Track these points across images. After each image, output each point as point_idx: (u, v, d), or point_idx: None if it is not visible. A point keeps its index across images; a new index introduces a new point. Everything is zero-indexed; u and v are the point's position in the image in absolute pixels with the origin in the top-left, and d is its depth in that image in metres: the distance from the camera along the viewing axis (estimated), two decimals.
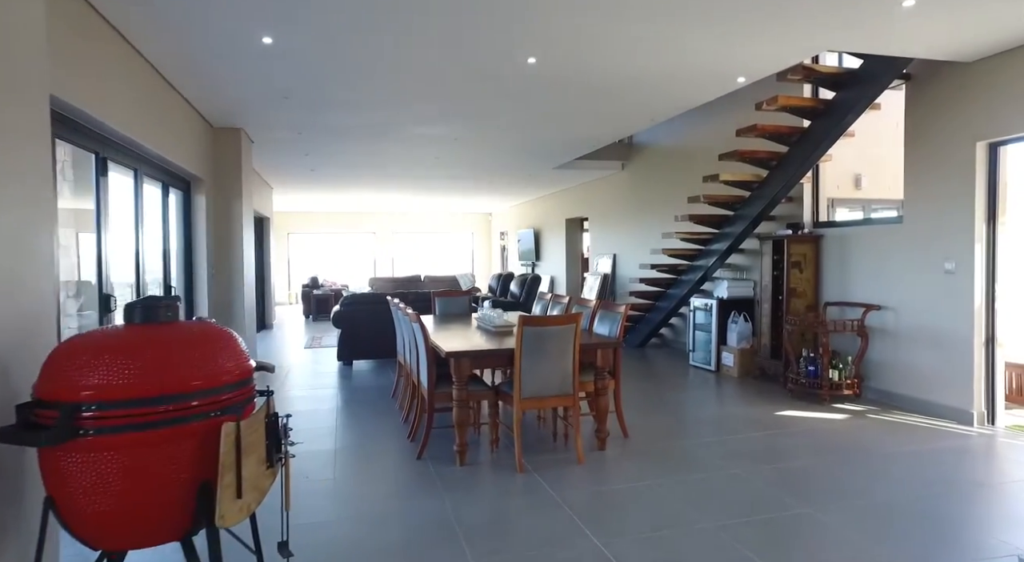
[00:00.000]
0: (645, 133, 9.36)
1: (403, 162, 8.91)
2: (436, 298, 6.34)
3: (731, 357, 6.47)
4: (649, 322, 8.00)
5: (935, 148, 4.77)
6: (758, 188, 6.02)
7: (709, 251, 6.81)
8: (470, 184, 11.61)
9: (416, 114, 5.97)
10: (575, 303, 5.09)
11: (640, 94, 5.33)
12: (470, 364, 3.75)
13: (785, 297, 5.82)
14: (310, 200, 14.68)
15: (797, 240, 5.82)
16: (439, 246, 18.81)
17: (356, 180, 10.92)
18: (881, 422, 4.62)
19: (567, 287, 12.55)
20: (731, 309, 6.65)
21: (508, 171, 9.91)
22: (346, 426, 4.74)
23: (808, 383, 5.25)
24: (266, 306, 11.35)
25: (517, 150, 8.03)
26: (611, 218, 10.54)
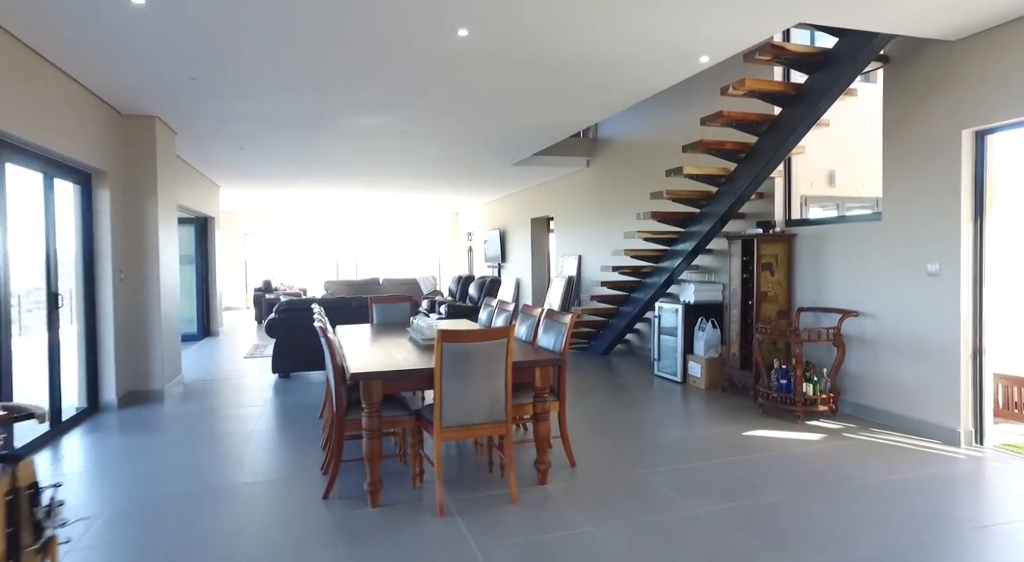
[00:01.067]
0: (610, 127, 8.84)
1: (352, 158, 8.28)
2: (373, 305, 5.73)
3: (698, 367, 5.96)
4: (613, 328, 7.47)
5: (917, 138, 4.29)
6: (726, 183, 5.51)
7: (674, 252, 6.30)
8: (429, 182, 11.00)
9: (348, 102, 5.36)
10: (522, 311, 4.52)
11: (593, 77, 4.78)
12: (382, 387, 3.15)
13: (755, 302, 5.32)
14: (266, 198, 13.93)
15: (768, 239, 5.33)
16: (405, 247, 18.14)
17: (308, 177, 10.25)
18: (860, 444, 4.13)
19: (533, 290, 12.00)
20: (698, 315, 6.14)
21: (465, 168, 9.32)
22: (257, 455, 4.10)
23: (780, 398, 4.75)
24: (211, 311, 10.60)
25: (470, 144, 7.45)
26: (576, 217, 10.01)
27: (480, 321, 5.44)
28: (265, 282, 12.63)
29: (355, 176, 10.14)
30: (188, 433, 4.63)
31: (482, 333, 3.15)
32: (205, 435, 4.57)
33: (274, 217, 16.83)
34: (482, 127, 6.53)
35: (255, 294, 12.46)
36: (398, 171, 9.58)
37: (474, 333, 3.14)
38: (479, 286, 9.07)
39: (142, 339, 5.76)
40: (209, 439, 4.47)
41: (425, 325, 4.17)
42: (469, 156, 8.31)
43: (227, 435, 4.58)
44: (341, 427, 3.34)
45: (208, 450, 4.21)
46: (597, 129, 9.21)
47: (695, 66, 4.51)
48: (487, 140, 7.23)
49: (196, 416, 5.16)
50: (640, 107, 7.89)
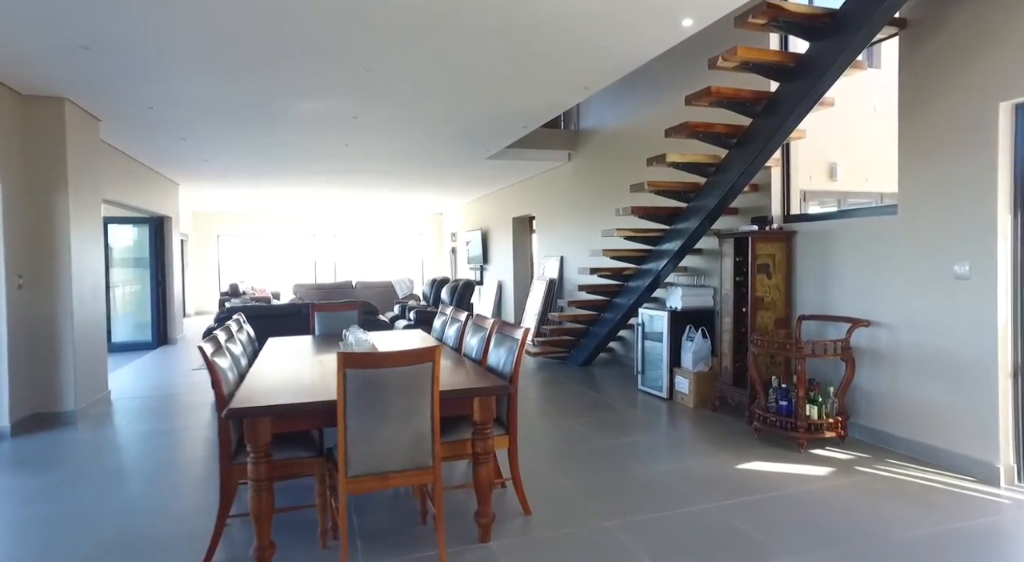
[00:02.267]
0: (592, 116, 8.15)
1: (310, 152, 7.57)
2: (315, 313, 5.02)
3: (686, 383, 5.26)
4: (594, 337, 6.77)
5: (942, 114, 3.61)
6: (715, 173, 4.82)
7: (659, 252, 5.60)
8: (402, 180, 10.29)
9: (283, 84, 4.65)
10: (473, 323, 3.81)
11: (562, 46, 4.09)
12: (270, 426, 2.44)
13: (750, 309, 4.63)
14: (239, 198, 13.20)
15: (764, 238, 4.64)
16: (387, 249, 17.41)
17: (272, 175, 9.52)
18: (877, 481, 3.43)
19: (515, 293, 11.30)
20: (687, 322, 5.45)
21: (435, 163, 8.61)
22: (151, 500, 3.38)
23: (779, 422, 4.05)
24: (168, 317, 9.86)
25: (433, 134, 6.74)
26: (558, 216, 9.32)
27: (433, 331, 4.74)
28: (231, 286, 11.88)
29: (321, 173, 9.43)
30: (80, 469, 3.91)
31: (399, 356, 2.44)
32: (100, 472, 3.84)
33: (249, 218, 16.09)
34: (442, 113, 5.82)
35: (220, 299, 11.71)
36: (364, 167, 8.87)
37: (388, 356, 2.43)
38: (452, 290, 8.36)
39: (49, 353, 5.03)
40: (101, 478, 3.74)
41: (353, 340, 3.46)
42: (436, 149, 7.60)
43: (129, 471, 3.86)
44: (229, 475, 2.63)
45: (93, 493, 3.49)
46: (579, 120, 8.53)
47: (677, 32, 3.83)
48: (452, 130, 6.53)
49: (103, 445, 4.43)
50: (624, 94, 7.21)
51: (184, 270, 14.71)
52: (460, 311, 4.25)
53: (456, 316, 4.25)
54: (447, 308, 4.61)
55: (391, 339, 4.32)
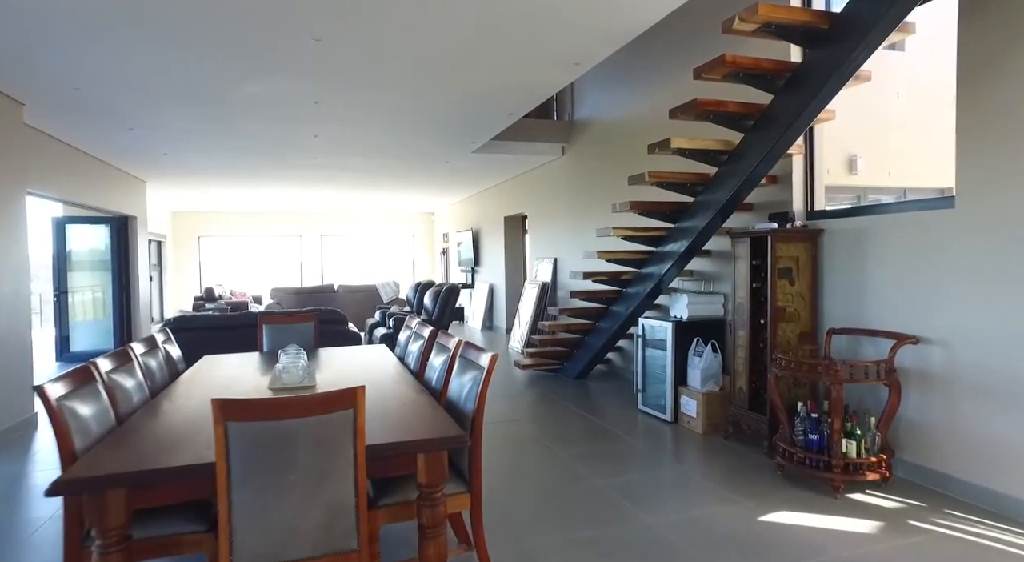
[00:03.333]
0: (588, 105, 7.46)
1: (277, 144, 6.88)
2: (264, 325, 4.32)
3: (694, 405, 4.56)
4: (589, 348, 6.07)
5: (1018, 84, 2.92)
6: (729, 161, 4.13)
7: (662, 254, 4.91)
8: (386, 177, 9.60)
9: (222, 60, 3.96)
10: (437, 342, 3.12)
11: (543, 9, 3.40)
12: (125, 500, 1.74)
13: (769, 320, 3.93)
14: (219, 198, 12.51)
15: (786, 237, 3.95)
16: (376, 250, 16.71)
17: (244, 172, 8.83)
18: (942, 543, 2.73)
19: (507, 298, 10.60)
20: (694, 335, 4.76)
21: (417, 157, 7.91)
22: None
23: (809, 459, 3.35)
24: (133, 324, 9.16)
25: (411, 124, 6.05)
26: (551, 215, 8.62)
27: (397, 346, 4.05)
28: (207, 290, 11.18)
29: (297, 169, 8.73)
30: None
31: (303, 403, 1.75)
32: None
33: (232, 219, 15.39)
34: (412, 97, 5.13)
35: (195, 303, 11.02)
36: (342, 163, 8.18)
37: (287, 404, 1.73)
38: (435, 296, 7.67)
39: None
40: None
41: (282, 366, 2.76)
42: (415, 142, 6.91)
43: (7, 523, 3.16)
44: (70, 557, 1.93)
45: None
46: (573, 109, 7.84)
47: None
48: (428, 118, 5.83)
49: (6, 483, 3.73)
50: (622, 80, 6.52)
51: (162, 273, 14.09)
52: (425, 325, 3.56)
53: (420, 331, 3.56)
54: (412, 320, 3.92)
55: (343, 361, 3.62)
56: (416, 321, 3.80)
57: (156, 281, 13.78)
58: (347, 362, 3.51)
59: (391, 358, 3.63)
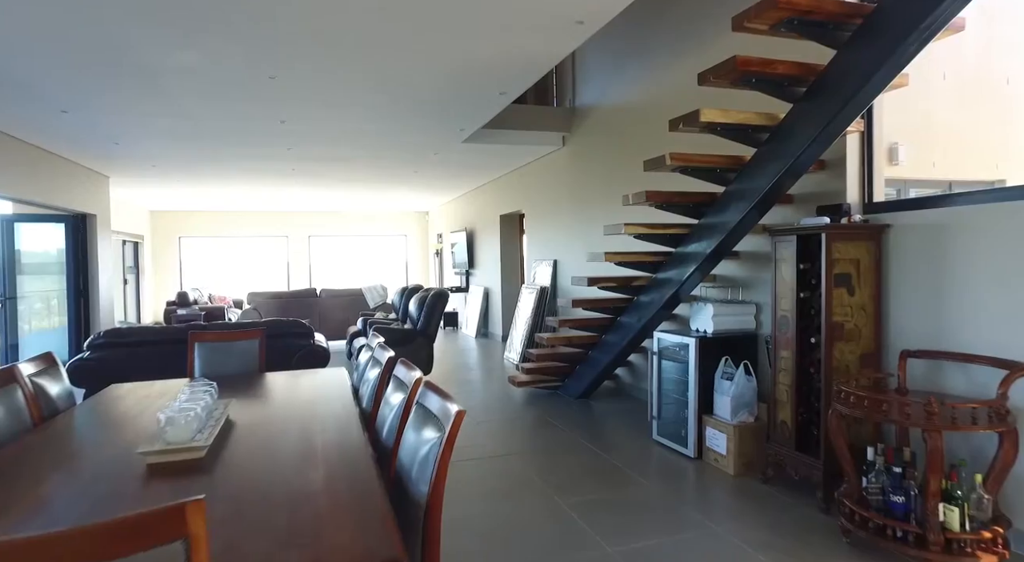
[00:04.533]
0: (591, 89, 6.66)
1: (238, 130, 6.08)
2: (195, 344, 3.50)
3: (722, 439, 3.76)
4: (594, 364, 5.27)
5: None
6: (772, 139, 3.32)
7: (682, 256, 4.10)
8: (371, 171, 8.80)
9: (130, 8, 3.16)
10: (395, 374, 2.31)
11: None
12: None
13: (824, 339, 3.13)
14: (198, 196, 11.73)
15: (844, 234, 3.14)
16: (367, 252, 15.91)
17: (208, 162, 8.02)
18: None
19: (503, 303, 9.79)
20: (721, 353, 3.96)
21: (399, 148, 7.11)
22: None
23: (890, 528, 2.53)
24: (91, 332, 8.35)
25: (388, 105, 5.25)
26: (551, 213, 7.82)
27: (356, 369, 3.25)
28: (180, 295, 10.37)
29: (272, 161, 7.93)
30: None
31: (72, 541, 0.94)
32: None
33: (213, 218, 14.59)
34: (385, 69, 4.32)
35: (166, 309, 10.21)
36: (318, 155, 7.38)
37: (38, 543, 0.93)
38: (420, 302, 6.87)
39: None
40: None
41: (165, 419, 1.94)
42: (395, 129, 6.10)
43: None
44: None
45: None
46: (575, 94, 7.04)
47: None
48: (406, 98, 5.02)
49: None
50: (633, 54, 5.72)
51: (139, 276, 13.28)
52: (386, 348, 2.76)
53: (380, 355, 2.76)
54: (374, 339, 3.12)
55: (279, 396, 2.82)
56: (377, 341, 3.00)
57: (132, 284, 13.00)
58: (282, 399, 2.71)
59: (344, 389, 2.83)
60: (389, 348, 2.74)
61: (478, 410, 5.32)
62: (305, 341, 4.90)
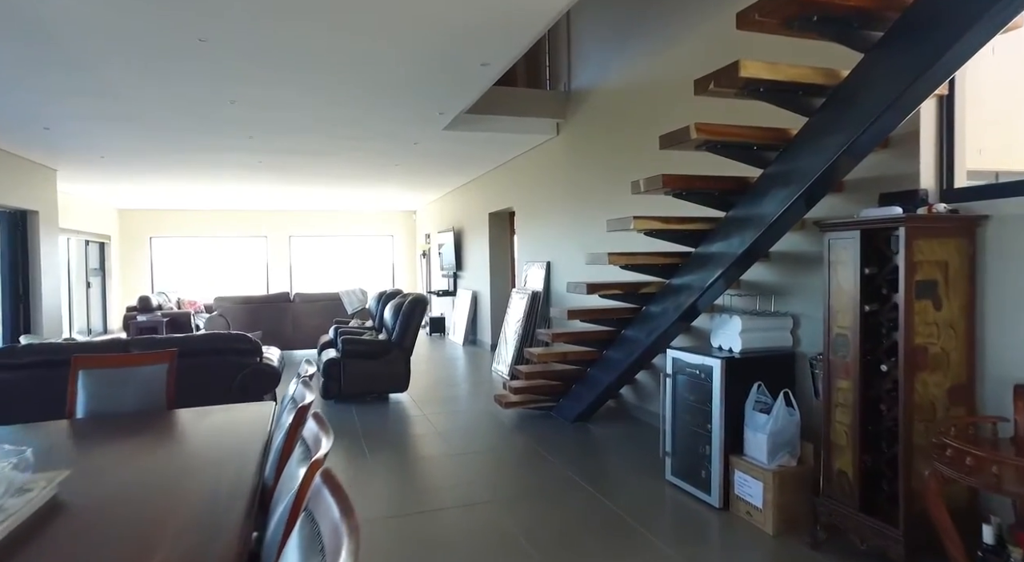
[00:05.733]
0: (588, 70, 5.89)
1: (182, 113, 5.27)
2: (80, 371, 2.70)
3: (757, 487, 2.98)
4: (592, 385, 4.49)
5: None
6: (829, 106, 2.55)
7: (705, 257, 3.33)
8: (345, 164, 8.01)
9: None
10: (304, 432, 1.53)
11: None
12: None
13: (902, 367, 2.36)
14: (167, 193, 10.91)
15: (927, 228, 2.38)
16: (352, 253, 15.10)
17: (155, 152, 7.20)
18: None
19: (492, 308, 9.01)
20: (753, 377, 3.19)
21: (374, 135, 6.32)
22: None
23: None
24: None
25: (352, 78, 4.46)
26: (544, 209, 7.05)
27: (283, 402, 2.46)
28: (142, 299, 9.52)
29: (235, 152, 7.13)
30: None
31: None
32: None
33: (187, 217, 13.75)
34: (342, 31, 3.54)
35: (125, 315, 9.38)
36: (284, 144, 6.58)
37: None
38: (396, 309, 6.09)
39: None
40: None
41: None
42: (366, 110, 5.30)
43: None
44: None
45: None
46: (570, 76, 6.27)
47: None
48: (371, 68, 4.24)
49: None
50: (636, 25, 4.95)
51: (105, 278, 12.44)
52: (309, 387, 1.98)
53: (299, 395, 1.97)
54: (309, 368, 2.33)
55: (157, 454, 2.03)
56: (307, 372, 2.22)
57: (97, 287, 12.17)
58: (160, 460, 1.92)
59: (253, 441, 2.04)
60: (310, 386, 1.96)
61: (458, 438, 4.54)
62: (250, 359, 4.10)
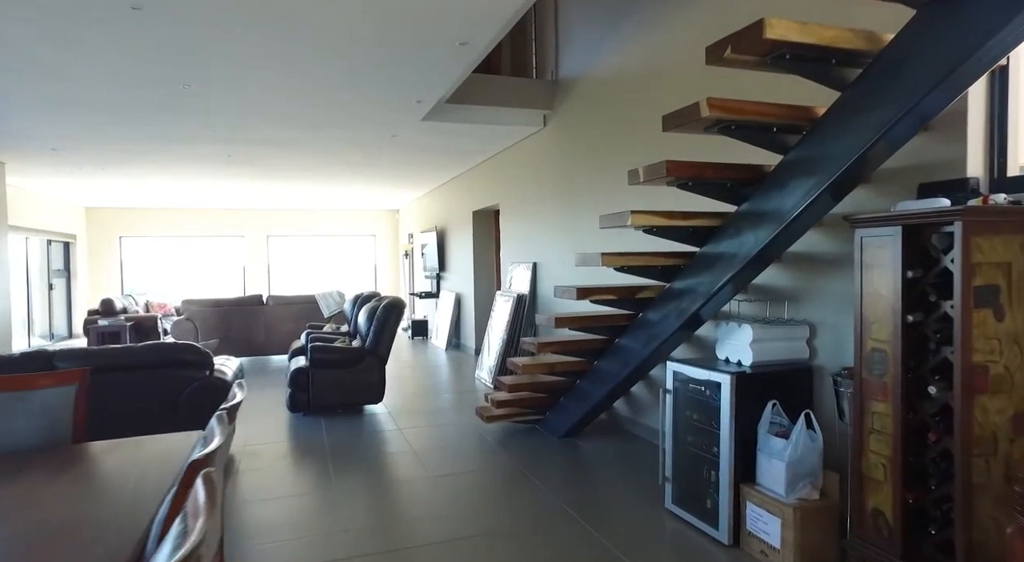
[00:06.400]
0: (578, 56, 5.49)
1: (131, 98, 4.80)
2: None
3: (774, 524, 2.58)
4: (582, 399, 4.08)
5: None
6: (868, 78, 2.15)
7: (712, 257, 2.93)
8: (322, 160, 7.54)
9: None
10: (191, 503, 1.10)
11: None
12: None
13: (958, 389, 1.97)
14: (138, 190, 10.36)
15: (986, 223, 1.99)
16: (333, 253, 14.59)
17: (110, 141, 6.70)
18: None
19: (476, 311, 8.58)
20: (766, 394, 2.80)
21: (349, 124, 5.86)
22: None
23: None
24: None
25: (319, 62, 4.02)
26: (530, 206, 6.64)
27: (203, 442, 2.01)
28: (104, 302, 8.97)
29: (200, 143, 6.65)
30: None
31: None
32: None
33: (159, 216, 13.18)
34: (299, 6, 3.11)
35: (86, 320, 8.83)
36: (251, 133, 6.11)
37: None
38: (370, 314, 5.64)
39: None
40: None
41: None
42: (337, 94, 4.85)
43: None
44: None
45: None
46: (558, 64, 5.86)
47: None
48: (339, 48, 3.80)
49: None
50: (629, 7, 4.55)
51: (70, 280, 11.86)
52: (217, 431, 1.54)
53: (213, 431, 1.54)
54: (238, 395, 1.89)
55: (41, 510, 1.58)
56: (234, 401, 1.78)
57: (62, 289, 11.59)
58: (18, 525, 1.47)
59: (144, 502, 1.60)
60: (224, 424, 1.52)
61: (436, 457, 4.11)
62: (199, 372, 3.63)
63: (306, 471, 3.88)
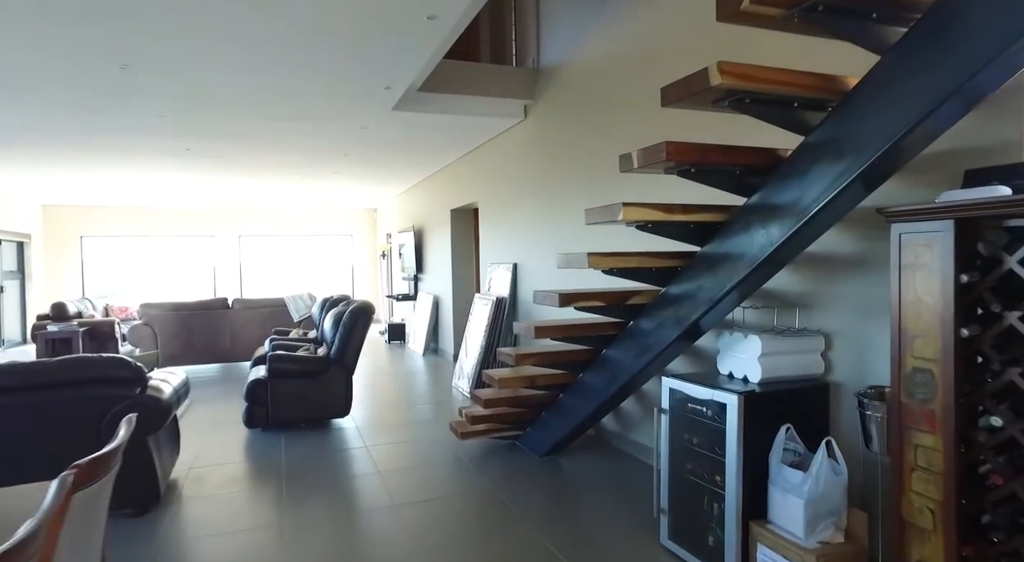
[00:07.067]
0: (561, 42, 5.09)
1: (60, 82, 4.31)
2: None
3: None
4: (565, 416, 3.66)
5: None
6: (916, 37, 1.77)
7: (715, 258, 2.54)
8: (287, 153, 7.06)
9: None
10: None
11: None
12: None
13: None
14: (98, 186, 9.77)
15: None
16: (309, 254, 14.05)
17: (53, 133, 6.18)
18: None
19: (455, 314, 8.14)
20: (778, 415, 2.41)
21: (313, 114, 5.39)
22: None
23: None
24: None
25: (272, 34, 3.57)
26: (510, 203, 6.22)
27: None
28: (55, 306, 8.38)
29: (154, 136, 6.14)
30: None
31: None
32: None
33: (123, 214, 12.55)
34: None
35: (35, 325, 8.23)
36: (206, 126, 5.62)
37: None
38: (336, 319, 5.19)
39: None
40: None
41: None
42: (294, 78, 4.38)
43: None
44: None
45: None
46: (540, 50, 5.45)
47: None
48: (287, 19, 3.35)
49: None
50: None
51: (24, 281, 11.21)
52: (69, 481, 1.10)
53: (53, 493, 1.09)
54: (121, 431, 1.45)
55: None
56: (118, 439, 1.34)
57: (15, 292, 10.94)
58: None
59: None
60: (60, 487, 1.08)
61: (404, 480, 3.67)
62: (128, 390, 3.15)
63: (256, 500, 3.43)
